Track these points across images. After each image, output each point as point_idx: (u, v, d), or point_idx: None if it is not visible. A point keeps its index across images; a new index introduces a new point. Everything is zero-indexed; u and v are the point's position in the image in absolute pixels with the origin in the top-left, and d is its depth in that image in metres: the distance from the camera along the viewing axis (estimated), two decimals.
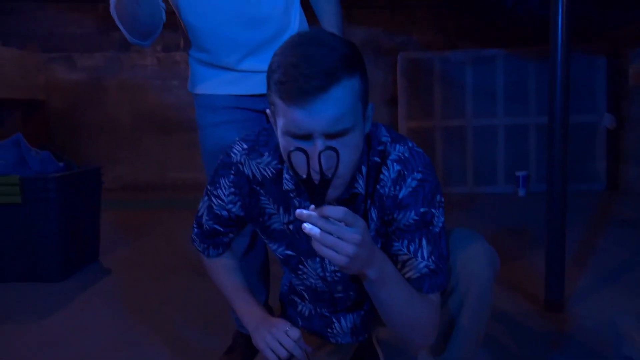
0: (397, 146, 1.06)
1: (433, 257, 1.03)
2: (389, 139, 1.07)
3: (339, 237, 0.81)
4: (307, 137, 0.89)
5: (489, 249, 1.13)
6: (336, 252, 0.82)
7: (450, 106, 4.87)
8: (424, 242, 1.03)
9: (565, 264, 2.00)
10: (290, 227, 1.12)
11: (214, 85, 1.59)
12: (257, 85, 1.57)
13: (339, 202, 1.02)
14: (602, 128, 4.78)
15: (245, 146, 1.13)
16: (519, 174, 4.70)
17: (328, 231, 0.81)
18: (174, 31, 1.66)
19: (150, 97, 5.46)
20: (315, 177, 0.83)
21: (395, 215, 1.04)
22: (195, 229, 1.26)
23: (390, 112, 4.91)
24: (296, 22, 1.60)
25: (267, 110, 0.99)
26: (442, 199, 1.07)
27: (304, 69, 0.85)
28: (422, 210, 1.02)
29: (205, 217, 1.22)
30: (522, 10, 3.42)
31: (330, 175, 0.82)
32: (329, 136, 0.89)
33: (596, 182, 4.83)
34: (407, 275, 1.03)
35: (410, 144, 1.08)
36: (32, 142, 2.81)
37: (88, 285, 2.49)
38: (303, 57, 0.86)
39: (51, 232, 2.54)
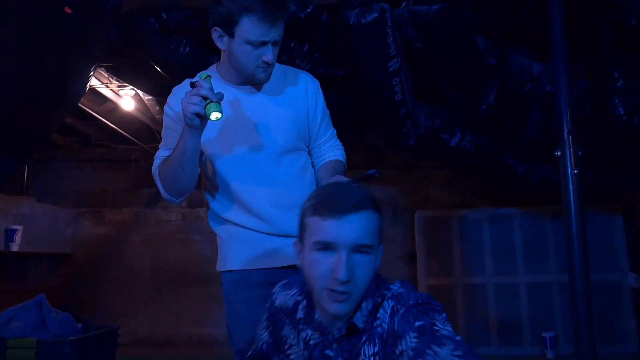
0: (401, 291, 1.13)
1: (456, 352, 0.97)
2: (399, 286, 1.15)
3: None
4: (335, 246, 1.07)
5: None
6: None
7: (469, 263, 4.86)
8: (435, 347, 0.99)
9: None
10: (305, 353, 1.20)
11: (246, 260, 1.63)
12: (289, 257, 1.61)
13: (339, 331, 1.13)
14: (627, 287, 4.67)
15: (284, 282, 1.33)
16: (546, 334, 4.52)
17: None
18: (199, 188, 1.77)
19: (172, 251, 5.56)
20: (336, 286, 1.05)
21: (400, 347, 1.04)
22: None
23: (410, 268, 4.90)
24: None
25: (295, 240, 1.19)
26: (439, 317, 1.06)
27: (341, 195, 1.11)
28: (417, 324, 1.03)
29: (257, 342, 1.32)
30: (533, 176, 3.56)
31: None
32: (353, 249, 1.07)
33: (628, 344, 4.60)
34: None
35: (411, 287, 1.15)
36: (55, 295, 2.86)
37: None
38: (340, 190, 1.14)
39: None
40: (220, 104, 1.39)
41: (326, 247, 1.07)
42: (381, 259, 1.15)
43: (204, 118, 1.40)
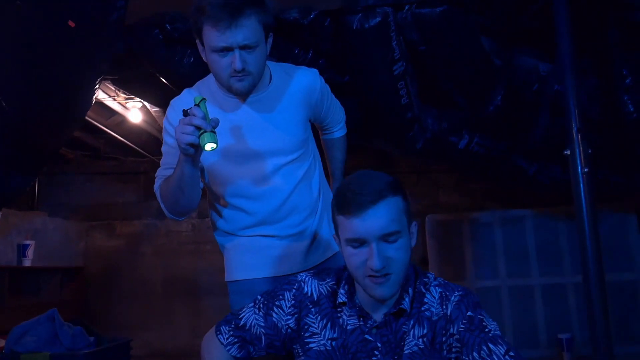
0: (438, 279, 1.28)
1: (510, 353, 1.13)
2: (433, 276, 1.29)
3: None
4: (364, 241, 1.17)
5: None
6: None
7: (482, 266, 4.82)
8: (489, 345, 1.14)
9: None
10: (333, 343, 1.26)
11: (252, 269, 1.62)
12: (294, 264, 1.62)
13: (386, 315, 1.23)
14: None
15: (314, 271, 1.39)
16: (562, 336, 4.46)
17: None
18: (205, 198, 1.75)
19: (183, 261, 5.57)
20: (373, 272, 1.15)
21: (450, 330, 1.18)
22: (232, 331, 1.38)
23: None
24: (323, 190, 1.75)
25: (333, 234, 1.30)
26: (483, 312, 1.21)
27: (358, 190, 1.18)
28: (469, 314, 1.18)
29: (256, 322, 1.34)
30: (544, 177, 3.52)
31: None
32: (382, 238, 1.16)
33: None
34: None
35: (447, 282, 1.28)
36: (68, 308, 2.86)
37: None
38: (357, 185, 1.20)
39: None
40: (215, 133, 1.31)
41: (357, 242, 1.18)
42: (417, 234, 1.26)
43: (198, 148, 1.33)
